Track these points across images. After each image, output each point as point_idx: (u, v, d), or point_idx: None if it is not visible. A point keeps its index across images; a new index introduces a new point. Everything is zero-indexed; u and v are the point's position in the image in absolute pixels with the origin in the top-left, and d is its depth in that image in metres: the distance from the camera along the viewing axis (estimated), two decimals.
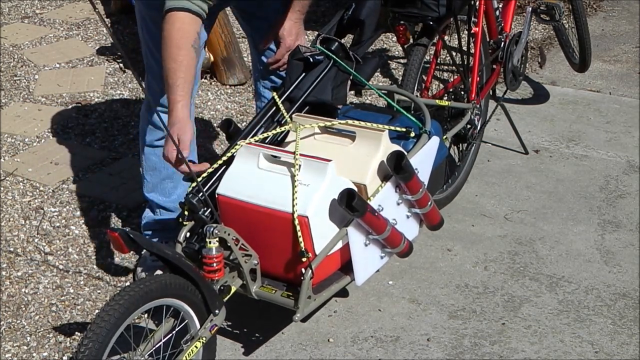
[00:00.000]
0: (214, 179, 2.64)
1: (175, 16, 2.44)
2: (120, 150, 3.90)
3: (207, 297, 2.41)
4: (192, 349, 2.39)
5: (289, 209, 2.47)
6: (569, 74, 4.74)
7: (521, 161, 3.92)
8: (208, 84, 4.52)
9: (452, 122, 3.37)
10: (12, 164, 3.77)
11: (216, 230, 2.43)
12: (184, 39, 2.43)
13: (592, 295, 3.05)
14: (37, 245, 3.27)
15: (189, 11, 2.45)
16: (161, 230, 3.15)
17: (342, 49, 2.87)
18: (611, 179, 3.77)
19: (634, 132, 4.16)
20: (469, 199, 3.61)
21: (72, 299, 3.00)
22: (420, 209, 2.75)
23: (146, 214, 3.18)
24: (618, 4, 5.89)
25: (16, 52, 4.83)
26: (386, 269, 3.09)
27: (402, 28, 3.35)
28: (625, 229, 3.41)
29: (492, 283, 3.11)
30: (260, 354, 2.78)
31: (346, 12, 2.98)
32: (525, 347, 2.80)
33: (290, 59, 2.87)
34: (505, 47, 3.78)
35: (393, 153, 2.56)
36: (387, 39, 5.07)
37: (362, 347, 2.80)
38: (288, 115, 2.77)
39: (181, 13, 2.44)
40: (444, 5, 3.25)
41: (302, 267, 2.49)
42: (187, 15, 2.45)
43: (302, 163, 2.51)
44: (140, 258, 3.16)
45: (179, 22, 2.44)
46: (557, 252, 3.28)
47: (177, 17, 2.44)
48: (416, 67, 3.33)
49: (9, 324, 2.88)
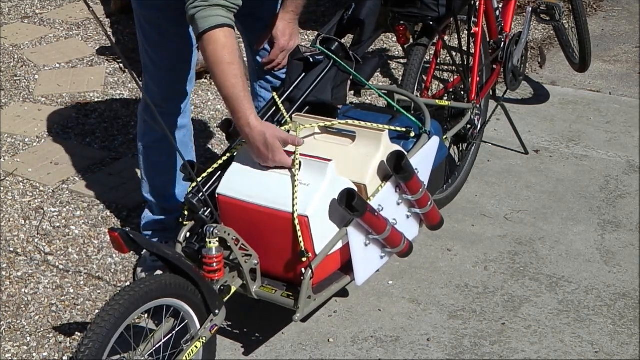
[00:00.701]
0: (214, 179, 2.65)
1: (216, 35, 2.43)
2: (120, 150, 3.90)
3: (207, 297, 2.41)
4: (192, 349, 2.39)
5: (289, 208, 2.46)
6: (569, 74, 4.74)
7: (521, 161, 3.92)
8: (208, 84, 4.52)
9: (452, 122, 3.37)
10: (12, 164, 3.77)
11: (216, 230, 2.43)
12: (232, 53, 2.43)
13: (592, 295, 3.05)
14: (37, 245, 3.27)
15: (226, 26, 2.45)
16: (161, 231, 3.16)
17: (342, 49, 2.87)
18: (611, 179, 3.77)
19: (634, 132, 4.16)
20: (469, 199, 3.61)
21: (72, 299, 3.00)
22: (420, 209, 2.75)
23: (145, 214, 3.18)
24: (618, 4, 5.89)
25: (16, 52, 4.83)
26: (386, 269, 3.09)
27: (402, 28, 3.35)
28: (625, 229, 3.41)
29: (492, 283, 3.11)
30: (260, 354, 2.78)
31: (346, 12, 2.98)
32: (525, 347, 2.80)
33: (290, 59, 2.87)
34: (505, 47, 3.78)
35: (393, 153, 2.56)
36: (387, 39, 5.07)
37: (362, 347, 2.80)
38: (288, 115, 2.77)
39: (219, 30, 2.43)
40: (444, 5, 3.24)
41: (302, 267, 2.49)
42: (225, 30, 2.44)
43: (302, 163, 2.51)
44: (140, 258, 3.16)
45: (222, 40, 2.43)
46: (557, 252, 3.28)
47: (217, 35, 2.43)
48: (416, 67, 3.33)
49: (9, 324, 2.88)
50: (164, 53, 2.89)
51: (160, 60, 2.90)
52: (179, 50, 2.89)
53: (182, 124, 3.05)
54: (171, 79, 2.94)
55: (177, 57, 2.91)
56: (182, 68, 2.95)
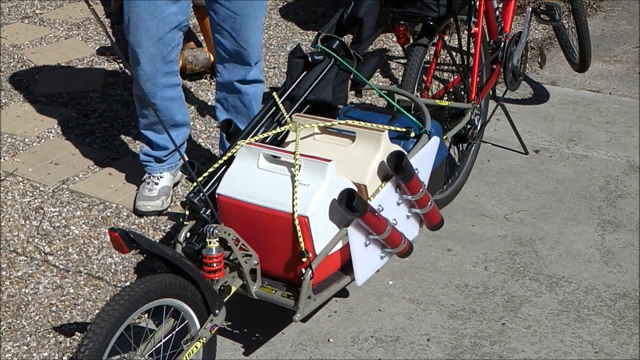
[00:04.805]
0: (215, 179, 2.65)
1: None
2: (120, 150, 3.90)
3: (207, 297, 2.41)
4: (192, 349, 2.39)
5: (289, 209, 2.47)
6: (569, 74, 4.74)
7: (521, 161, 3.92)
8: (208, 84, 4.52)
9: (452, 122, 3.37)
10: (12, 164, 3.77)
11: (216, 231, 2.43)
12: None
13: (592, 295, 3.05)
14: (37, 245, 3.27)
15: None
16: (155, 162, 3.48)
17: (343, 47, 2.87)
18: (611, 179, 3.77)
19: (634, 132, 4.16)
20: (469, 199, 3.61)
21: (72, 299, 3.00)
22: (420, 209, 2.75)
23: (143, 148, 3.50)
24: (618, 4, 5.89)
25: (16, 52, 4.83)
26: (386, 269, 3.09)
27: (402, 28, 3.35)
28: (625, 229, 3.41)
29: (492, 283, 3.11)
30: (260, 354, 2.78)
31: (345, 11, 2.98)
32: (525, 347, 2.80)
33: (291, 57, 2.87)
34: (505, 47, 3.78)
35: (393, 153, 2.56)
36: (387, 39, 5.07)
37: (362, 347, 2.80)
38: (288, 115, 2.77)
39: None
40: (444, 5, 3.24)
41: (302, 267, 2.50)
42: None
43: (302, 163, 2.51)
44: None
45: None
46: (557, 252, 3.28)
47: None
48: (416, 67, 3.33)
49: (9, 324, 2.88)
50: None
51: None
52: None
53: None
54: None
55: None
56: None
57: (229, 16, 3.17)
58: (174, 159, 3.50)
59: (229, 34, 3.20)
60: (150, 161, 3.48)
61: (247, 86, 3.33)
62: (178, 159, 3.51)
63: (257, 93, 3.39)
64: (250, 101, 3.37)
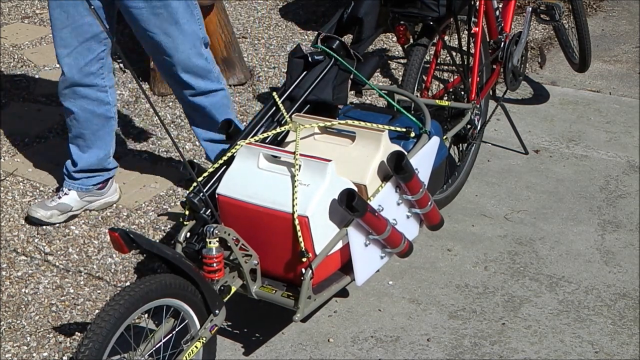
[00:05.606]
0: (214, 179, 2.65)
1: None
2: (120, 150, 3.89)
3: (207, 297, 2.41)
4: (192, 349, 2.39)
5: (289, 209, 2.47)
6: (569, 74, 4.74)
7: (521, 161, 3.92)
8: None
9: (452, 122, 3.37)
10: (12, 164, 3.77)
11: (216, 231, 2.43)
12: None
13: (592, 295, 3.05)
14: (37, 245, 3.27)
15: None
16: (68, 177, 3.38)
17: (343, 47, 2.87)
18: (611, 179, 3.77)
19: (634, 132, 4.16)
20: (469, 199, 3.61)
21: (72, 299, 3.00)
22: (420, 209, 2.75)
23: (67, 164, 3.39)
24: (618, 4, 5.89)
25: (16, 52, 4.83)
26: (386, 269, 3.09)
27: (402, 28, 3.35)
28: (625, 229, 3.41)
29: (492, 283, 3.11)
30: (260, 354, 2.78)
31: (345, 11, 2.98)
32: (525, 347, 2.80)
33: (291, 57, 2.87)
34: (505, 47, 3.78)
35: (393, 153, 2.56)
36: (387, 39, 5.07)
37: (362, 347, 2.80)
38: (288, 115, 2.77)
39: None
40: (444, 5, 3.24)
41: (302, 267, 2.50)
42: None
43: (302, 163, 2.51)
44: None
45: None
46: (557, 252, 3.28)
47: None
48: (416, 67, 3.33)
49: (9, 324, 2.88)
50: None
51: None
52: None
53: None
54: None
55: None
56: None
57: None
58: (89, 182, 3.37)
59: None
60: (65, 173, 3.40)
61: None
62: (97, 185, 3.39)
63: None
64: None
